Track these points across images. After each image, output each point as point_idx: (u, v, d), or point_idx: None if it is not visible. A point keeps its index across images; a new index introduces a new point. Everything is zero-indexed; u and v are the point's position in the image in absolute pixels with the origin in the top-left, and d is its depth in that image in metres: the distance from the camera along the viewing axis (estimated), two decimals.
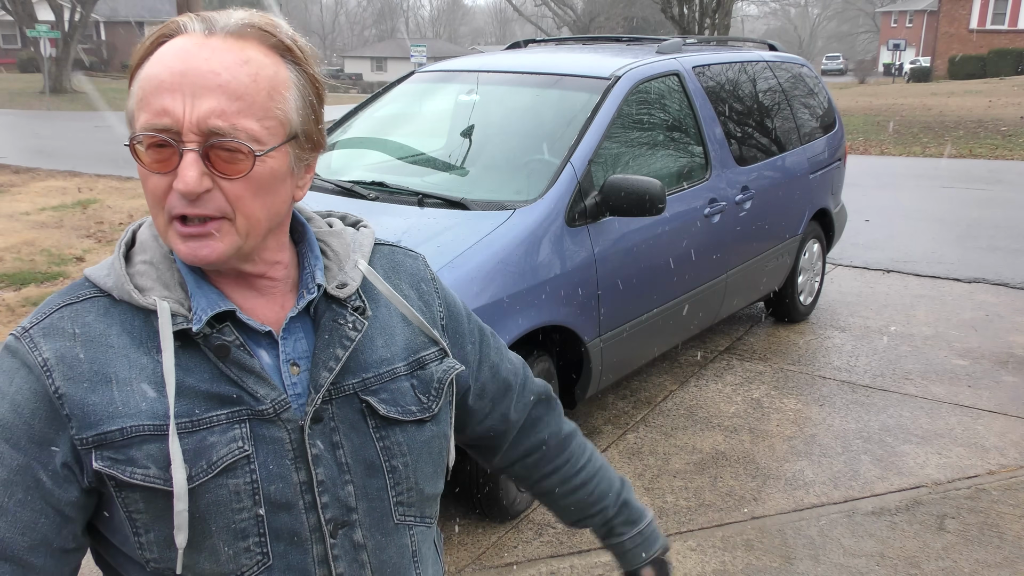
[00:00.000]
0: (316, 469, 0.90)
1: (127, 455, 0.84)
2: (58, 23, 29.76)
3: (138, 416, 0.84)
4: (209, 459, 0.85)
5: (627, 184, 3.25)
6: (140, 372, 0.85)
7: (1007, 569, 2.85)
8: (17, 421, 0.84)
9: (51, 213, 8.73)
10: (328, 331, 0.92)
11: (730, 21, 21.74)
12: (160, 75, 0.81)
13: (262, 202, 0.85)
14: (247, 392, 0.87)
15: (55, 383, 0.84)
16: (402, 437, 0.96)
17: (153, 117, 0.81)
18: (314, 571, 0.90)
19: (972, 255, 7.08)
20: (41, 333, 0.86)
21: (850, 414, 4.07)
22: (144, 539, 0.86)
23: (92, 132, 18.06)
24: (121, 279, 0.88)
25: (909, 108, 21.77)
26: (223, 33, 0.83)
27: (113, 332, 0.87)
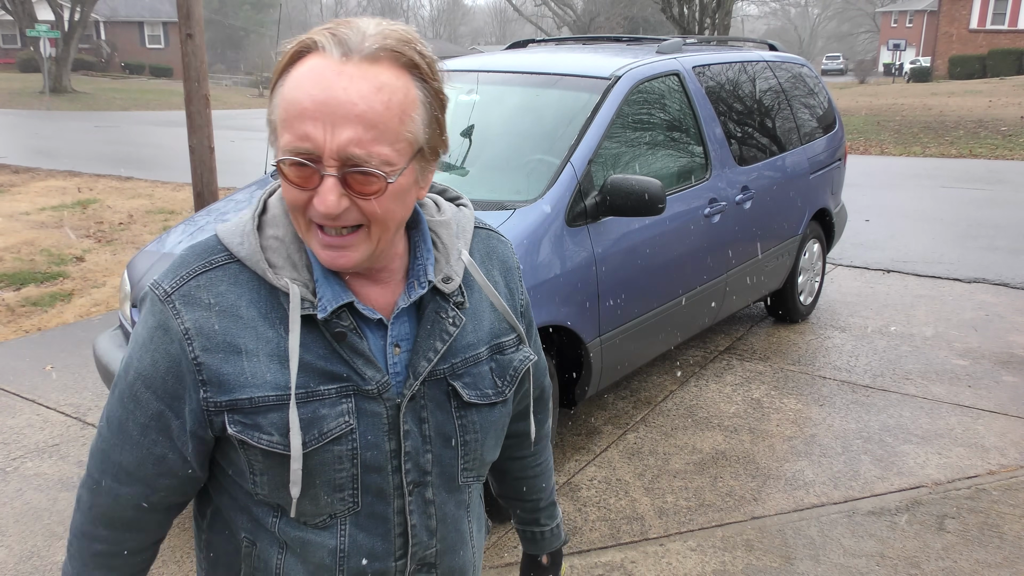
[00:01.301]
0: (405, 442, 1.04)
1: (254, 421, 0.97)
2: (58, 23, 29.76)
3: (264, 387, 0.97)
4: (321, 429, 0.99)
5: (627, 184, 3.25)
6: (265, 344, 0.97)
7: (1007, 569, 2.85)
8: (155, 374, 0.99)
9: (51, 213, 8.73)
10: (431, 322, 1.04)
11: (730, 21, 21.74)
12: (303, 102, 0.88)
13: (392, 213, 0.94)
14: (356, 372, 1.00)
15: (195, 352, 0.97)
16: (476, 417, 1.10)
17: (296, 141, 0.89)
18: (392, 519, 1.07)
19: (972, 255, 7.08)
20: (182, 301, 0.97)
21: (850, 414, 4.07)
22: (258, 480, 1.02)
23: (92, 132, 18.06)
24: (255, 254, 0.98)
25: (909, 108, 21.76)
26: (358, 58, 0.89)
27: (243, 303, 0.98)
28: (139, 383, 1.00)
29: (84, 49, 41.06)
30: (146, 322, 1.00)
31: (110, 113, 24.45)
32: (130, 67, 43.82)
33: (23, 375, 4.51)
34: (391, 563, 1.08)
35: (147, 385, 0.99)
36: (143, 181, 11.15)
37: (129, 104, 27.78)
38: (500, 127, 3.88)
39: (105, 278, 6.35)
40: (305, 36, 0.91)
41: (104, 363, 3.26)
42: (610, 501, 3.30)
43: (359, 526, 1.05)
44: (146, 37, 47.16)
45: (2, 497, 3.32)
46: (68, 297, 5.90)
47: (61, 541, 3.04)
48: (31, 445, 3.73)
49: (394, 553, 1.08)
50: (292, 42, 0.93)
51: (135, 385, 1.00)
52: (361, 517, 1.05)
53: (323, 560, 1.05)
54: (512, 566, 2.89)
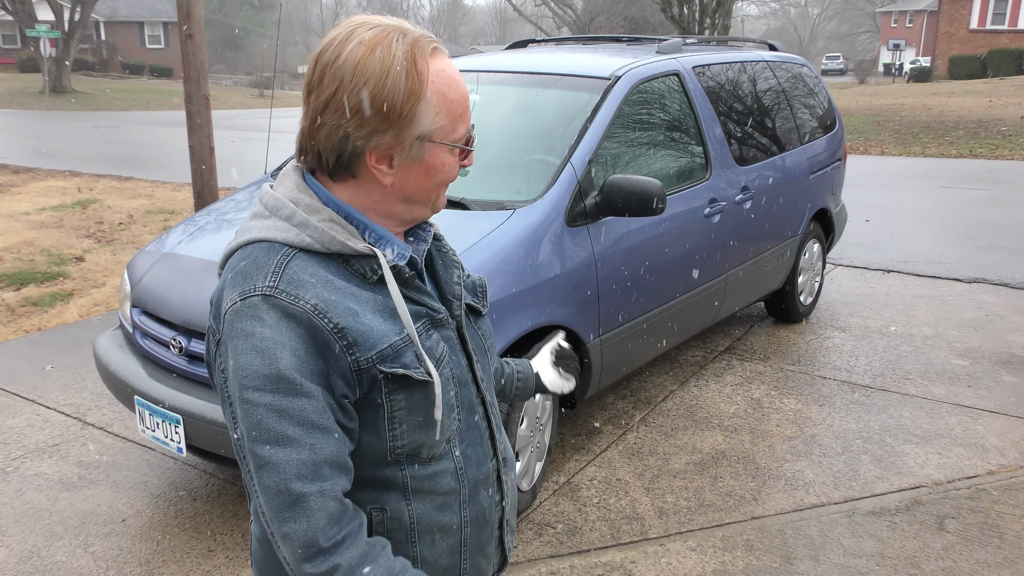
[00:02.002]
0: (473, 354, 1.23)
1: (400, 362, 1.08)
2: (58, 23, 29.75)
3: (389, 335, 1.08)
4: (435, 355, 1.13)
5: (627, 184, 3.25)
6: (367, 304, 1.08)
7: (1007, 569, 2.85)
8: (304, 361, 1.02)
9: (51, 213, 8.73)
10: (441, 258, 1.26)
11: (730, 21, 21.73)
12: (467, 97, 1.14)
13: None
14: (427, 307, 1.16)
15: (332, 320, 1.03)
16: (484, 326, 1.31)
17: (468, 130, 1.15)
18: (481, 425, 1.23)
19: (972, 255, 7.08)
20: (292, 286, 1.03)
21: (850, 414, 4.07)
22: (398, 430, 1.10)
23: (92, 132, 18.06)
24: (325, 234, 1.07)
25: (909, 108, 21.76)
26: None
27: (332, 276, 1.07)
28: (295, 374, 1.01)
29: (84, 49, 41.05)
30: (262, 324, 1.01)
31: (110, 113, 24.45)
32: (130, 67, 43.81)
33: (23, 375, 4.51)
34: (489, 464, 1.24)
35: (303, 373, 1.02)
36: (143, 181, 11.15)
37: (129, 104, 27.78)
38: (500, 127, 3.88)
39: (105, 278, 6.35)
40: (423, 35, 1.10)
41: (104, 363, 3.26)
42: (610, 501, 3.30)
43: (464, 441, 1.19)
44: (146, 37, 47.14)
45: (2, 497, 3.32)
46: (68, 297, 5.90)
47: (61, 541, 3.04)
48: (31, 445, 3.73)
49: (490, 455, 1.24)
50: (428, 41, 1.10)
51: (293, 380, 1.01)
52: (464, 432, 1.19)
53: (449, 485, 1.17)
54: (512, 566, 2.89)
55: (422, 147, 1.10)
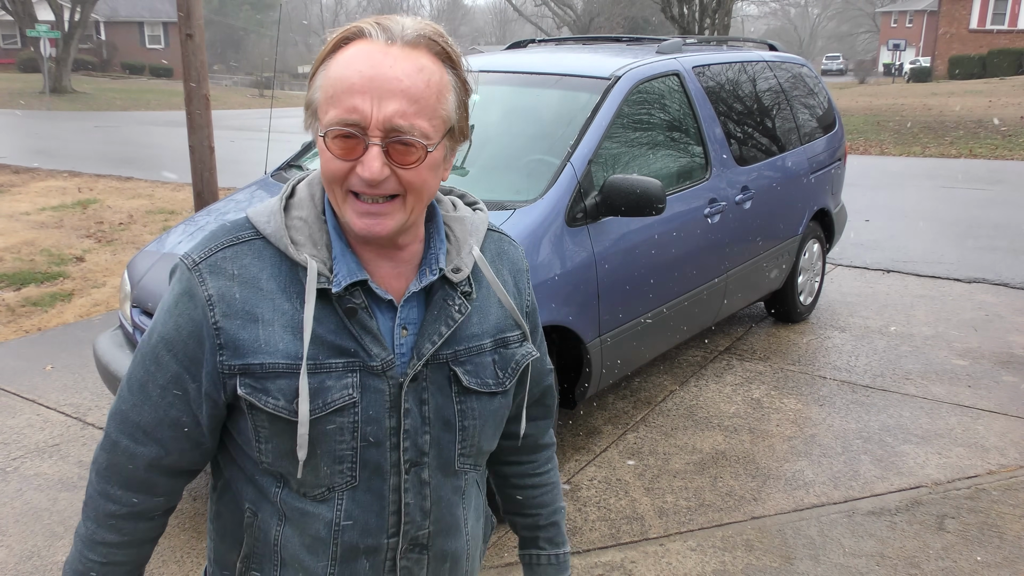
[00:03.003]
0: (405, 420, 1.09)
1: (263, 385, 1.04)
2: (58, 23, 29.76)
3: (275, 355, 1.03)
4: (325, 399, 1.04)
5: (627, 184, 3.25)
6: (281, 316, 1.04)
7: (1007, 569, 2.85)
8: (178, 338, 1.05)
9: (51, 213, 8.73)
10: (438, 308, 1.10)
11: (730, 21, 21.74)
12: (351, 78, 0.97)
13: (427, 184, 1.02)
14: (363, 349, 1.06)
15: (215, 317, 1.03)
16: (476, 404, 1.15)
17: (344, 113, 0.97)
18: (387, 496, 1.11)
19: (972, 255, 7.08)
20: (208, 270, 1.05)
21: (850, 414, 4.07)
22: (263, 447, 1.07)
23: (92, 132, 18.06)
24: (280, 231, 1.06)
25: (909, 108, 21.76)
26: (401, 43, 0.99)
27: (264, 276, 1.05)
28: (161, 346, 1.06)
29: (84, 49, 41.05)
30: (173, 289, 1.07)
31: (110, 113, 24.45)
32: (130, 67, 43.81)
33: (23, 375, 4.51)
34: (384, 540, 1.12)
35: (169, 348, 1.06)
36: (143, 181, 11.15)
37: (129, 104, 27.78)
38: (500, 127, 3.88)
39: (105, 278, 6.35)
40: (350, 25, 1.01)
41: (104, 363, 3.26)
42: (610, 501, 3.31)
43: (355, 501, 1.10)
44: (146, 37, 47.15)
45: (2, 497, 3.32)
46: (68, 297, 5.90)
47: (61, 541, 3.04)
48: (31, 445, 3.73)
49: (387, 530, 1.12)
50: (335, 31, 1.02)
51: (158, 348, 1.07)
52: (358, 492, 1.09)
53: (319, 532, 1.10)
54: (512, 566, 2.89)
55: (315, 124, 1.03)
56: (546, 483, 1.39)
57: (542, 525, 1.39)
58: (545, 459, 1.39)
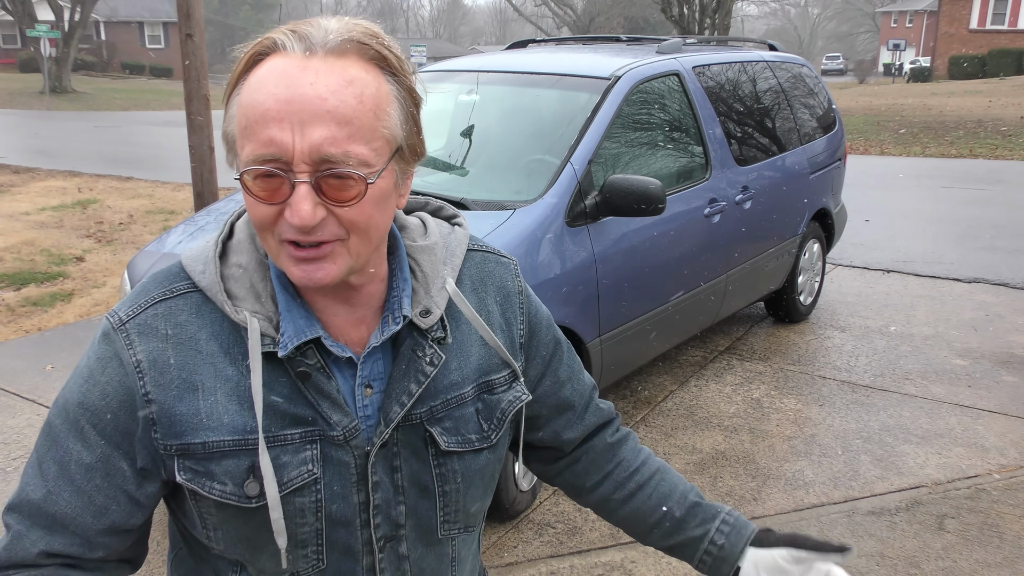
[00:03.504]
0: (375, 494, 0.93)
1: (207, 468, 0.87)
2: (58, 23, 29.76)
3: (219, 430, 0.87)
4: (281, 479, 0.88)
5: (627, 184, 3.25)
6: (225, 383, 0.88)
7: (1007, 569, 2.85)
8: (106, 409, 0.87)
9: (51, 213, 8.73)
10: (406, 361, 0.93)
11: (730, 21, 21.74)
12: (265, 103, 0.79)
13: (373, 221, 0.84)
14: (322, 416, 0.90)
15: (146, 387, 0.87)
16: (458, 465, 0.98)
17: (261, 148, 0.79)
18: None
19: (972, 255, 7.08)
20: (137, 331, 0.88)
21: (850, 414, 4.07)
22: (212, 533, 0.92)
23: (92, 132, 18.06)
24: (215, 286, 0.89)
25: (909, 108, 21.77)
26: (323, 52, 0.80)
27: (203, 336, 0.88)
28: (85, 419, 0.88)
29: (84, 49, 41.06)
30: (96, 351, 0.89)
31: (110, 113, 24.45)
32: (130, 67, 43.82)
33: (23, 375, 4.51)
34: None
35: (94, 422, 0.87)
36: (143, 181, 11.15)
37: (129, 104, 27.78)
38: (500, 127, 3.88)
39: (105, 278, 6.35)
40: (262, 37, 0.84)
41: None
42: None
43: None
44: (146, 37, 47.18)
45: (2, 497, 3.32)
46: (68, 297, 5.90)
47: None
48: (31, 445, 3.73)
49: None
50: (246, 46, 0.84)
51: (79, 421, 0.88)
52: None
53: None
54: (512, 566, 2.89)
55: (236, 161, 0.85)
56: (649, 476, 1.15)
57: (681, 517, 1.12)
58: (629, 453, 1.17)
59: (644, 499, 1.13)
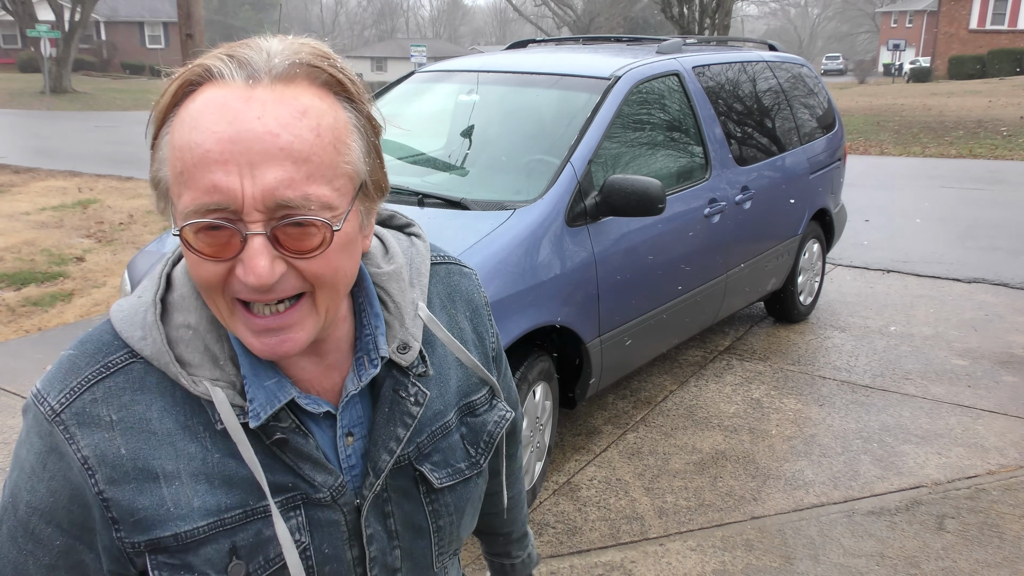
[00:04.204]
0: (370, 547, 0.87)
1: (183, 560, 0.78)
2: (58, 23, 29.77)
3: (191, 518, 0.77)
4: (266, 555, 0.80)
5: (627, 184, 3.25)
6: (188, 462, 0.77)
7: (1007, 569, 2.85)
8: (56, 505, 0.77)
9: (51, 213, 8.73)
10: (389, 404, 0.85)
11: (730, 21, 21.74)
12: (204, 144, 0.67)
13: (341, 272, 0.75)
14: (303, 479, 0.81)
15: (99, 485, 0.76)
16: (450, 498, 0.93)
17: (203, 196, 0.67)
18: None
19: (972, 255, 7.09)
20: (75, 422, 0.76)
21: (850, 414, 4.07)
22: None
23: (92, 132, 18.07)
24: (163, 356, 0.77)
25: (909, 108, 21.77)
26: (268, 79, 0.69)
27: (154, 415, 0.77)
28: (36, 517, 0.77)
29: (84, 49, 41.07)
30: (32, 444, 0.77)
31: (110, 113, 24.45)
32: (130, 67, 43.83)
33: (23, 375, 4.51)
34: None
35: (47, 519, 0.77)
36: (143, 181, 11.15)
37: (129, 104, 27.78)
38: (500, 127, 3.88)
39: (105, 278, 6.35)
40: (192, 64, 0.71)
41: None
42: (610, 501, 3.31)
43: None
44: (146, 37, 47.19)
45: None
46: (68, 297, 5.90)
47: None
48: None
49: None
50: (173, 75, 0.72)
51: (31, 521, 0.78)
52: None
53: None
54: None
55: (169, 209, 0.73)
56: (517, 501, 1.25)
57: (515, 538, 1.27)
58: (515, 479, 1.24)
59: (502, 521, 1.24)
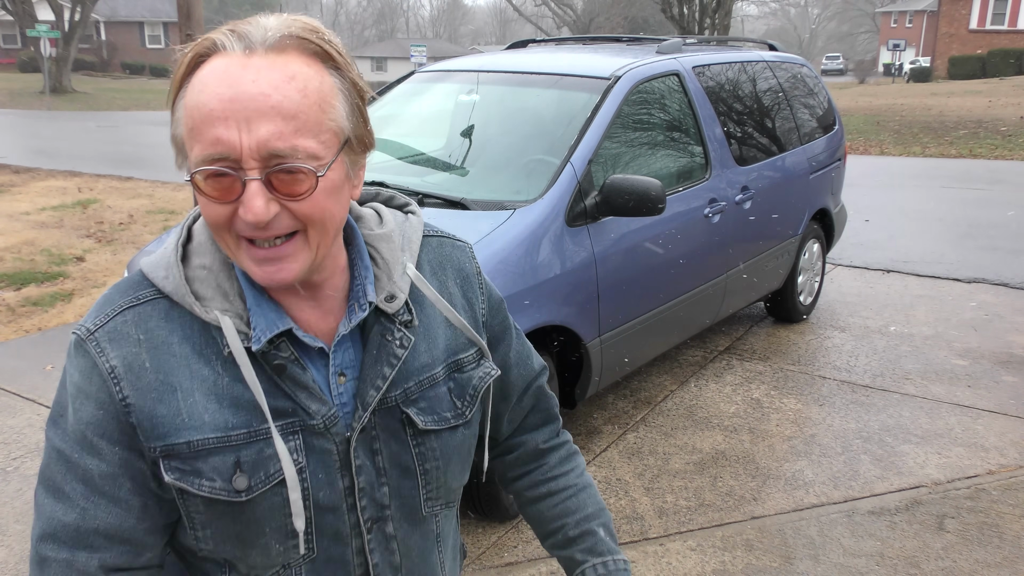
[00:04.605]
0: (359, 477, 0.97)
1: (194, 467, 0.88)
2: (58, 23, 29.77)
3: (202, 429, 0.88)
4: (267, 471, 0.91)
5: (627, 184, 3.25)
6: (201, 383, 0.89)
7: (1007, 569, 2.85)
8: (106, 417, 0.88)
9: (51, 213, 8.73)
10: (376, 347, 0.96)
11: (730, 21, 21.74)
12: (208, 104, 0.80)
13: (328, 213, 0.86)
14: (300, 406, 0.92)
15: (123, 392, 0.88)
16: (436, 443, 1.01)
17: (208, 148, 0.81)
18: (352, 560, 0.99)
19: (972, 255, 7.09)
20: (107, 338, 0.89)
21: (850, 414, 4.07)
22: (200, 533, 0.92)
23: (92, 132, 18.06)
24: (181, 288, 0.90)
25: (909, 108, 21.77)
26: (263, 49, 0.82)
27: (175, 340, 0.90)
28: (89, 431, 0.88)
29: (84, 49, 41.06)
30: (76, 367, 0.90)
31: (110, 113, 24.45)
32: (130, 67, 43.82)
33: (23, 375, 4.51)
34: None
35: (99, 432, 0.88)
36: (143, 181, 11.15)
37: (129, 104, 27.78)
38: (500, 127, 3.88)
39: (105, 278, 6.35)
40: (201, 38, 0.85)
41: None
42: (610, 501, 3.31)
43: (316, 572, 0.97)
44: (146, 37, 47.19)
45: (2, 497, 3.32)
46: (68, 297, 5.90)
47: None
48: (31, 445, 3.73)
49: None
50: (187, 48, 0.85)
51: (86, 435, 0.88)
52: (318, 563, 0.97)
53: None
54: (512, 566, 2.89)
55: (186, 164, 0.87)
56: (562, 487, 1.19)
57: (572, 537, 1.18)
58: (556, 460, 1.21)
59: (548, 507, 1.19)
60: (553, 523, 1.19)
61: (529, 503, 1.21)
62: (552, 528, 1.19)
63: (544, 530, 1.20)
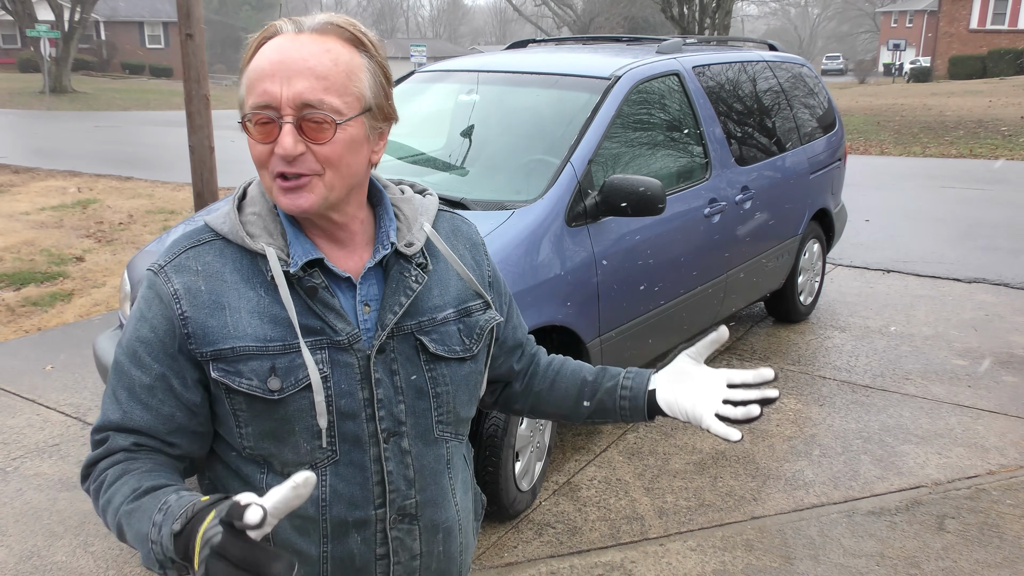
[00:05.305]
0: (377, 390, 1.13)
1: (235, 368, 1.08)
2: (58, 23, 29.74)
3: (245, 338, 1.08)
4: (296, 377, 1.09)
5: (627, 184, 3.25)
6: (247, 303, 1.09)
7: (1007, 569, 2.85)
8: (155, 339, 1.10)
9: (51, 213, 8.73)
10: (395, 281, 1.15)
11: (730, 21, 21.73)
12: (262, 66, 1.04)
13: (345, 161, 1.06)
14: (328, 325, 1.10)
15: (182, 307, 1.09)
16: (446, 371, 1.19)
17: (258, 98, 1.03)
18: (369, 467, 1.14)
19: (972, 255, 7.08)
20: (173, 270, 1.11)
21: (850, 414, 4.07)
22: (243, 431, 1.11)
23: (92, 132, 18.06)
24: (236, 227, 1.12)
25: (909, 108, 21.76)
26: (309, 31, 1.06)
27: (227, 269, 1.11)
28: (141, 347, 1.10)
29: (84, 49, 41.05)
30: (144, 296, 1.12)
31: (110, 113, 24.44)
32: (130, 67, 43.82)
33: (23, 375, 4.51)
34: (371, 511, 1.15)
35: (148, 349, 1.10)
36: (143, 181, 11.15)
37: (129, 104, 27.77)
38: (500, 127, 3.88)
39: (105, 278, 6.35)
40: (268, 25, 1.09)
41: (104, 363, 3.26)
42: (610, 501, 3.31)
43: (338, 475, 1.13)
44: (146, 37, 47.15)
45: (2, 497, 3.32)
46: (68, 297, 5.90)
47: (61, 541, 3.04)
48: (31, 445, 3.73)
49: (373, 501, 1.15)
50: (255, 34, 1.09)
51: (138, 350, 1.11)
52: (340, 466, 1.13)
53: (307, 512, 1.13)
54: (512, 566, 2.89)
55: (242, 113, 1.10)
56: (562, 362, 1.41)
57: (592, 379, 1.37)
58: (545, 356, 1.43)
59: (564, 378, 1.39)
60: (575, 384, 1.37)
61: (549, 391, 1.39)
62: (577, 388, 1.37)
63: (572, 397, 1.37)
